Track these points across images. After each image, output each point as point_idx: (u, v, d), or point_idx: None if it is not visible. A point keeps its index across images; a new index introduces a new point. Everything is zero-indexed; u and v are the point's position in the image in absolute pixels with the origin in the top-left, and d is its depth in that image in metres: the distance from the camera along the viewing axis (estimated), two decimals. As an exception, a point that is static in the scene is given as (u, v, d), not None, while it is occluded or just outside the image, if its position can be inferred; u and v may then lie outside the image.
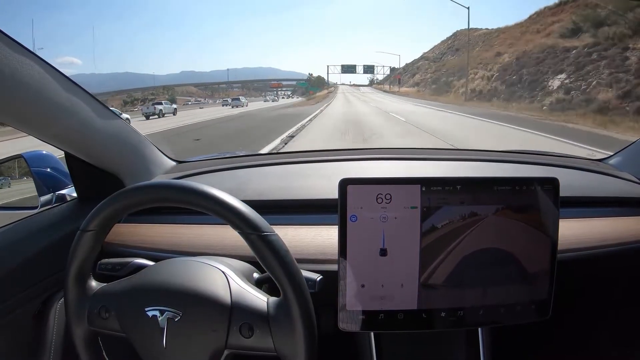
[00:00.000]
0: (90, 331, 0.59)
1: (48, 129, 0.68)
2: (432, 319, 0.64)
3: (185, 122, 15.02)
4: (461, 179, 0.63)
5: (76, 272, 0.58)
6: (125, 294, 0.58)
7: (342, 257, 0.62)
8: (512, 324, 0.66)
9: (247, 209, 0.54)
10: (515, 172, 0.99)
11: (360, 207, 0.61)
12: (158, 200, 0.56)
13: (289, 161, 1.07)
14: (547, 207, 0.64)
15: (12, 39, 0.56)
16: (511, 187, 0.63)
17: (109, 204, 0.57)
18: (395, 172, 0.97)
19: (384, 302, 0.63)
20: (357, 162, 1.08)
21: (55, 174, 0.92)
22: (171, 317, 0.54)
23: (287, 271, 0.53)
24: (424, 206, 0.62)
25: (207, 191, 0.54)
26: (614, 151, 1.10)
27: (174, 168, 1.03)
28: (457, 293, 0.64)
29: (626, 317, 0.92)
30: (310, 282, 0.58)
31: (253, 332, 0.54)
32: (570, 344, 0.94)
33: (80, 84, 0.71)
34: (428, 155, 1.13)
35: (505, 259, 0.64)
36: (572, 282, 0.77)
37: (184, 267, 0.59)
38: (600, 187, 0.94)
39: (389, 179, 0.62)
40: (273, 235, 0.54)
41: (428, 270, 0.63)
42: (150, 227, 0.84)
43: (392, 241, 0.62)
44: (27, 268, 0.70)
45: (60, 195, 0.89)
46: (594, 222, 0.84)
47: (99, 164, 0.81)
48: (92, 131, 0.75)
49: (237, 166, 1.04)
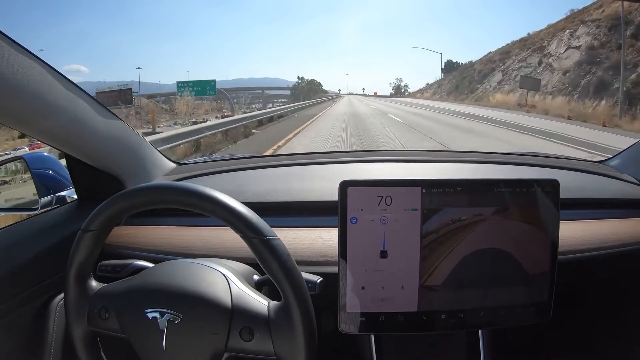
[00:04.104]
0: (90, 331, 0.59)
1: (48, 130, 0.68)
2: (432, 321, 0.64)
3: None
4: (462, 180, 0.63)
5: (76, 272, 0.58)
6: (125, 295, 0.58)
7: (343, 259, 0.62)
8: (512, 325, 0.66)
9: (250, 212, 0.54)
10: (516, 174, 0.99)
11: (360, 209, 0.61)
12: (159, 202, 0.57)
13: (289, 163, 1.07)
14: (547, 208, 0.64)
15: (12, 39, 0.56)
16: (512, 189, 0.63)
17: (110, 205, 0.57)
18: (396, 174, 0.97)
19: (384, 304, 0.63)
20: (357, 164, 1.09)
21: (56, 176, 0.92)
22: (171, 319, 0.54)
23: (289, 276, 0.53)
24: (424, 208, 0.62)
25: (209, 194, 0.54)
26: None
27: (174, 170, 1.03)
28: (457, 295, 0.64)
29: (626, 319, 0.92)
30: (311, 284, 0.58)
31: (253, 335, 0.53)
32: (571, 346, 0.94)
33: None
34: (428, 157, 1.13)
35: (506, 261, 0.64)
36: (573, 283, 0.77)
37: (185, 269, 0.59)
38: (600, 189, 0.94)
39: (390, 181, 0.62)
40: (275, 240, 0.54)
41: (428, 272, 0.63)
42: (150, 229, 0.84)
43: (392, 243, 0.62)
44: (27, 269, 0.70)
45: (60, 197, 0.89)
46: (595, 224, 0.84)
47: (99, 166, 0.81)
48: (93, 133, 0.76)
49: (237, 168, 1.04)
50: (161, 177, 0.97)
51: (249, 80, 49.02)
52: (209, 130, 8.62)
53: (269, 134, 10.29)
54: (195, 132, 8.06)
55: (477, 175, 0.96)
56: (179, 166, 1.06)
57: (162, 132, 9.08)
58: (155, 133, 9.01)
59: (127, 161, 0.88)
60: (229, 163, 1.12)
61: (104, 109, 0.78)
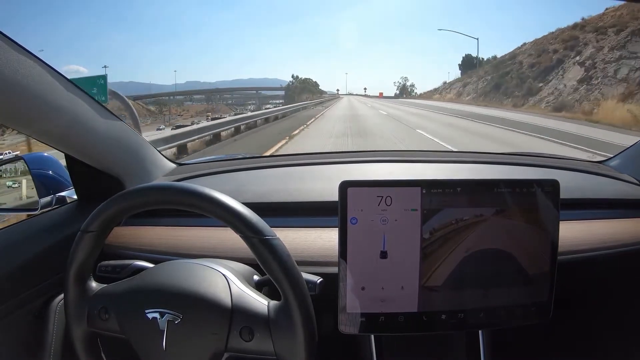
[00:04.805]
0: (89, 332, 0.59)
1: (48, 131, 0.68)
2: (432, 322, 0.64)
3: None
4: (462, 181, 0.63)
5: (76, 272, 0.58)
6: (125, 295, 0.58)
7: (343, 260, 0.62)
8: (512, 326, 0.66)
9: (249, 212, 0.54)
10: (516, 174, 0.99)
11: (360, 209, 0.61)
12: (159, 203, 0.57)
13: (289, 163, 1.07)
14: (547, 209, 0.64)
15: (12, 40, 0.56)
16: (511, 190, 0.63)
17: (110, 206, 0.57)
18: (396, 175, 0.97)
19: (384, 305, 0.63)
20: (357, 165, 1.08)
21: (56, 176, 0.92)
22: (171, 320, 0.54)
23: (289, 276, 0.53)
24: (424, 208, 0.62)
25: (208, 194, 0.54)
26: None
27: (174, 170, 1.03)
28: (457, 295, 0.64)
29: (626, 319, 0.92)
30: (311, 284, 0.58)
31: (253, 335, 0.53)
32: (571, 346, 0.94)
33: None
34: (428, 157, 1.13)
35: (506, 261, 0.64)
36: (573, 284, 0.77)
37: (185, 270, 0.59)
38: (600, 189, 0.94)
39: (390, 181, 0.62)
40: (275, 239, 0.54)
41: (428, 273, 0.63)
42: (150, 229, 0.84)
43: (392, 243, 0.62)
44: (27, 269, 0.70)
45: (60, 197, 0.89)
46: (595, 224, 0.84)
47: (99, 166, 0.81)
48: (93, 133, 0.76)
49: (237, 168, 1.04)
50: (161, 177, 0.97)
51: (248, 81, 47.55)
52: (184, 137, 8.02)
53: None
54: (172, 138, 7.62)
55: (477, 175, 0.96)
56: (179, 166, 1.06)
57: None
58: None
59: (127, 161, 0.88)
60: (229, 163, 1.12)
61: (104, 110, 0.78)
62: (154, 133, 12.90)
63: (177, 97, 36.30)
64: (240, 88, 39.18)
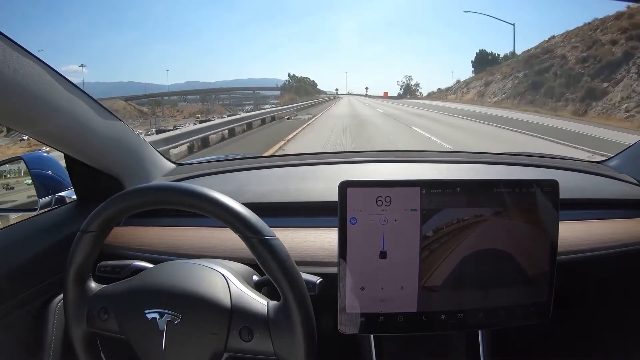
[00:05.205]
0: (89, 332, 0.59)
1: (48, 131, 0.68)
2: (432, 322, 0.64)
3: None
4: (461, 181, 0.63)
5: (76, 272, 0.58)
6: (124, 295, 0.58)
7: (342, 260, 0.62)
8: (512, 326, 0.66)
9: (249, 212, 0.54)
10: (515, 175, 0.99)
11: (360, 209, 0.61)
12: (159, 203, 0.57)
13: (289, 163, 1.07)
14: (546, 209, 0.64)
15: (12, 40, 0.56)
16: (511, 190, 0.63)
17: (109, 206, 0.57)
18: (395, 175, 0.97)
19: (383, 305, 0.63)
20: (356, 165, 1.08)
21: (55, 176, 0.92)
22: (171, 320, 0.54)
23: (288, 276, 0.53)
24: (423, 208, 0.62)
25: (208, 194, 0.54)
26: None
27: (173, 170, 1.03)
28: (457, 295, 0.64)
29: (626, 319, 0.92)
30: (310, 284, 0.58)
31: (253, 335, 0.53)
32: (571, 346, 0.94)
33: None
34: (428, 157, 1.13)
35: (505, 261, 0.64)
36: (572, 284, 0.77)
37: (184, 270, 0.59)
38: (600, 189, 0.94)
39: (389, 181, 0.62)
40: (274, 240, 0.54)
41: (428, 273, 0.63)
42: (149, 229, 0.84)
43: (392, 244, 0.62)
44: (26, 269, 0.70)
45: (59, 197, 0.89)
46: (594, 224, 0.84)
47: (98, 166, 0.81)
48: (92, 133, 0.76)
49: (237, 168, 1.04)
50: (160, 177, 0.97)
51: (248, 81, 47.41)
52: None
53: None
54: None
55: (476, 175, 0.96)
56: (179, 167, 1.06)
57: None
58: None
59: (126, 162, 0.88)
60: (228, 163, 1.12)
61: (104, 110, 0.78)
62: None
63: (172, 98, 35.55)
64: (236, 88, 38.38)
